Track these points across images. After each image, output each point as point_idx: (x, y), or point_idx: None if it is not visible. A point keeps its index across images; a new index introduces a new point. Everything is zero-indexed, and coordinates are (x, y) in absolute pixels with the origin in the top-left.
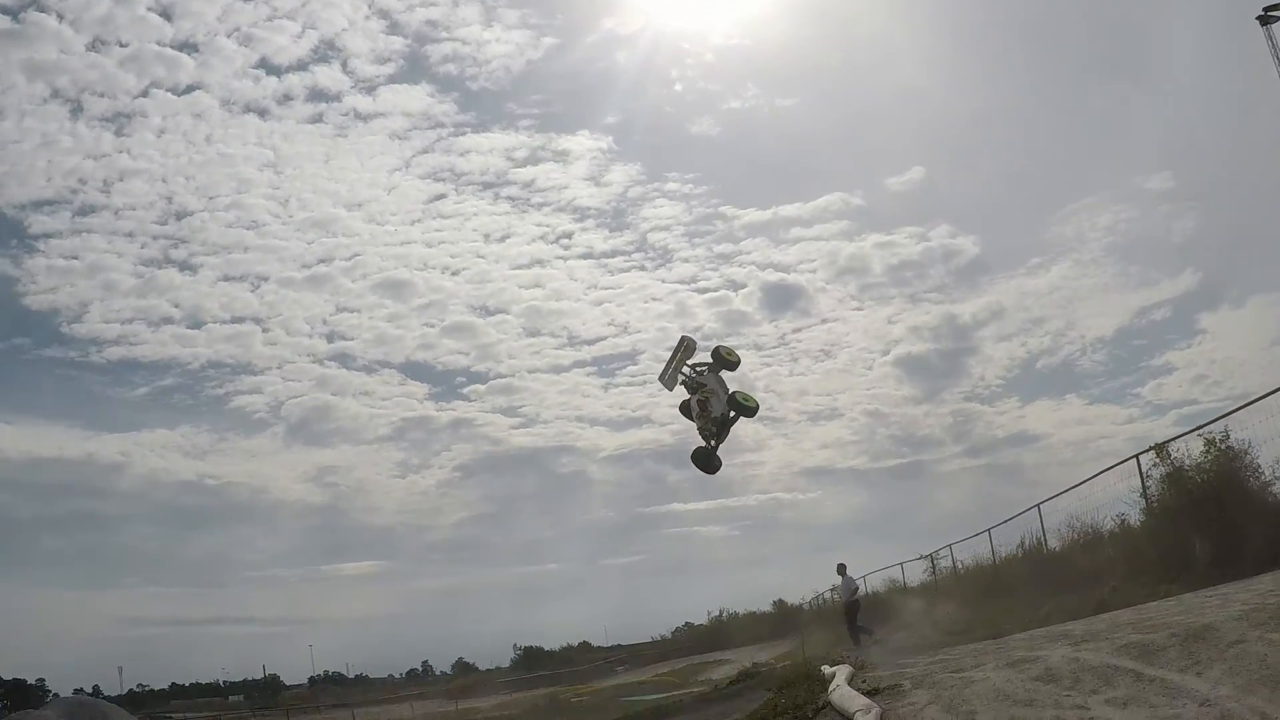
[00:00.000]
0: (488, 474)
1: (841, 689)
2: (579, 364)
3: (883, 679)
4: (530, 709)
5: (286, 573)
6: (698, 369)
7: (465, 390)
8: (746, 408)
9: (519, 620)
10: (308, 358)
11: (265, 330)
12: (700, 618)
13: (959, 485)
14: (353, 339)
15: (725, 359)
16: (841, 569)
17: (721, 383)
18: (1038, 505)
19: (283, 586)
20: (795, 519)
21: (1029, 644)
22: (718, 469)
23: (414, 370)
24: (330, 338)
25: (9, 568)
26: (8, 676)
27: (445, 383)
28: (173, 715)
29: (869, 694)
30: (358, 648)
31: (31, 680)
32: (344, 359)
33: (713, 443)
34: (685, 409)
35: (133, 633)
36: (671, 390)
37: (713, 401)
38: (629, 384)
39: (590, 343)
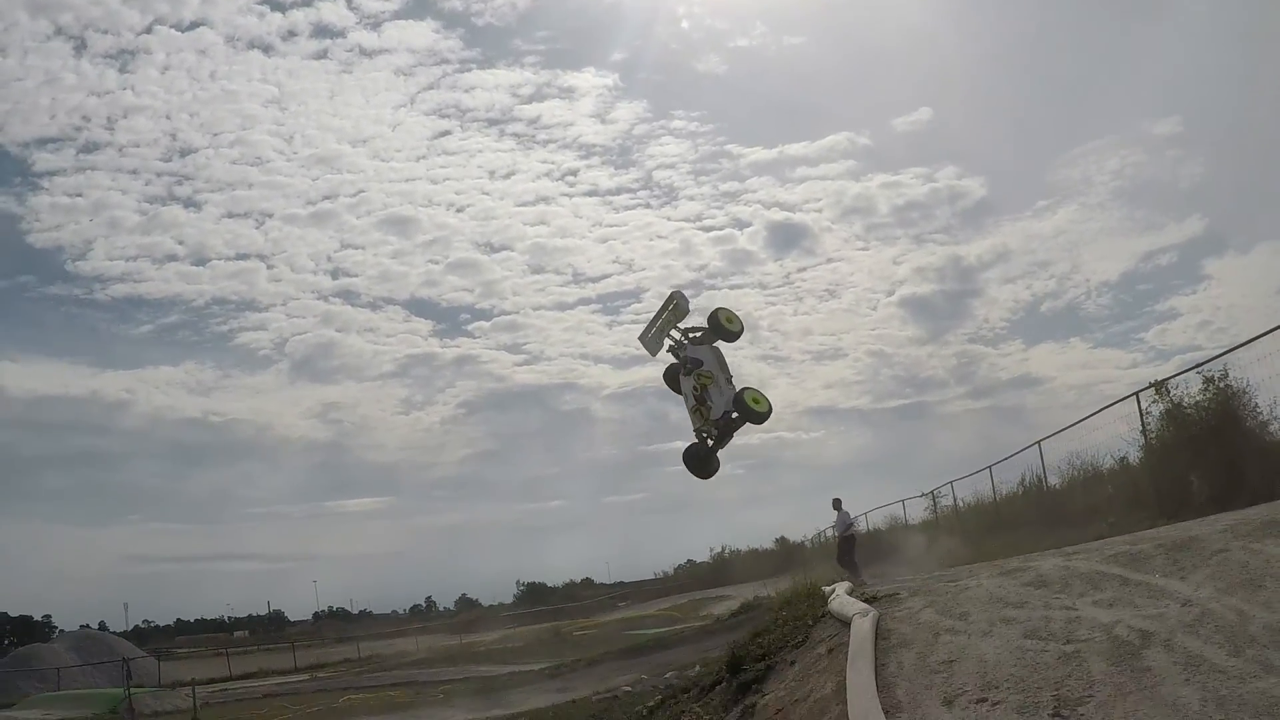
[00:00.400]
0: (491, 411)
1: (840, 597)
2: (583, 301)
3: (880, 590)
4: (534, 641)
5: (290, 509)
6: (690, 335)
7: (469, 327)
8: (756, 413)
9: (522, 557)
10: (312, 294)
11: (270, 267)
12: (702, 555)
13: (962, 426)
14: (357, 275)
15: (723, 327)
16: (837, 504)
17: (720, 361)
18: (1038, 443)
19: (287, 523)
20: (798, 458)
21: (1023, 559)
22: (715, 473)
23: (418, 307)
24: (334, 274)
25: (14, 505)
26: (14, 614)
27: (449, 319)
28: (178, 650)
29: (867, 601)
30: (361, 584)
31: (38, 617)
32: (348, 295)
33: (710, 442)
34: (671, 378)
35: (137, 569)
36: (654, 355)
37: (712, 392)
38: (633, 321)
39: (595, 280)
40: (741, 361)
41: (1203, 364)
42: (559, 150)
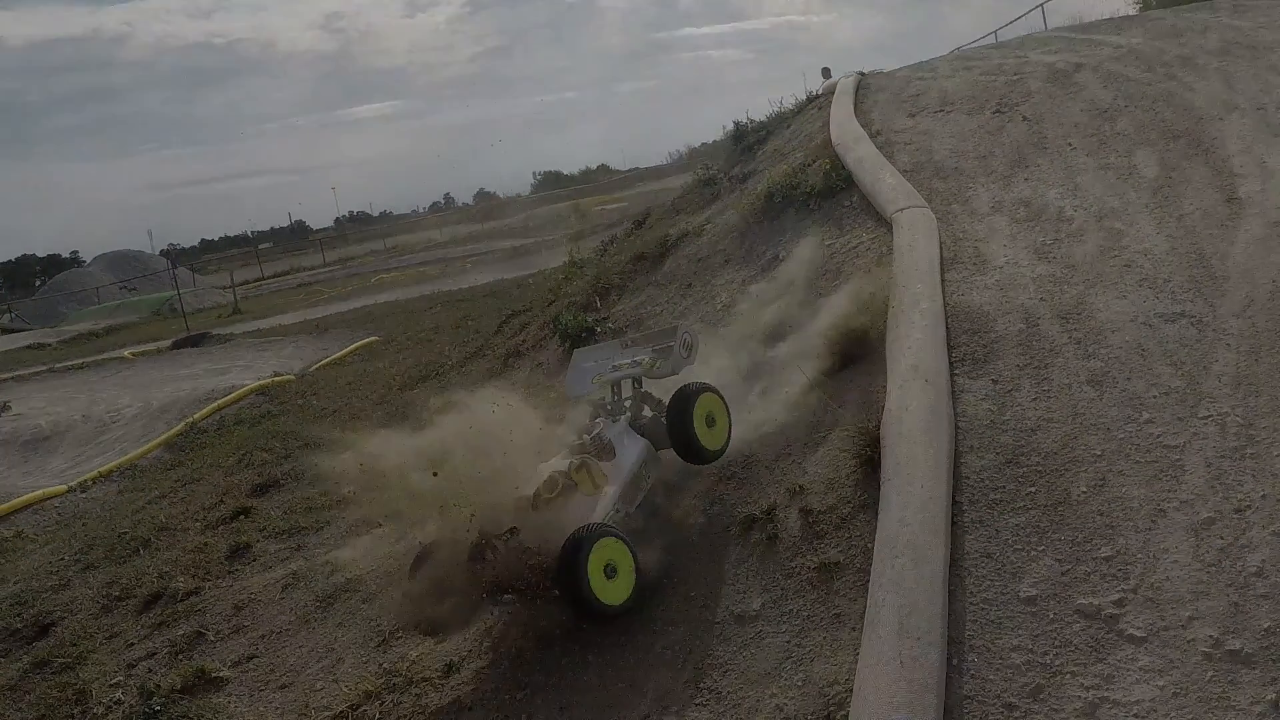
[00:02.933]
0: (499, 6)
1: (832, 80)
2: None
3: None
4: (555, 219)
5: (302, 121)
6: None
7: None
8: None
9: (537, 151)
10: None
11: None
12: (716, 136)
13: (974, 4)
14: None
15: (696, 440)
16: (826, 73)
17: (640, 475)
18: (1040, 5)
19: (300, 135)
20: (810, 41)
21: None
22: None
23: None
24: None
25: (30, 150)
26: (43, 254)
27: None
28: (208, 266)
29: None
30: (380, 188)
31: (66, 254)
32: None
33: None
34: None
35: (157, 197)
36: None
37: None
38: None
39: None
40: None
41: None
42: None
